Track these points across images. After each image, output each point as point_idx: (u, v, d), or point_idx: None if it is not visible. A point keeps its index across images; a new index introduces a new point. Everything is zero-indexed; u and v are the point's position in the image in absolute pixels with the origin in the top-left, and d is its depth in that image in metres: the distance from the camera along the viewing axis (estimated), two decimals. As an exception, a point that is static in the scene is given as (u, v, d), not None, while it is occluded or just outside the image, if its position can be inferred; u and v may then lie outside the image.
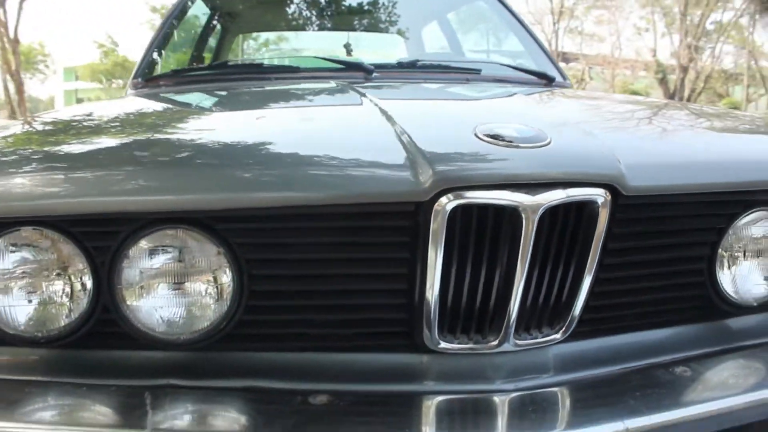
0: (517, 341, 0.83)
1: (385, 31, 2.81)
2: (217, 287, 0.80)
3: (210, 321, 0.80)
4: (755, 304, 0.96)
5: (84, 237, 0.79)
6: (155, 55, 2.03)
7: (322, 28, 2.75)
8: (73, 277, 0.81)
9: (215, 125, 1.13)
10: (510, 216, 0.76)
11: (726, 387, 0.85)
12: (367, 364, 0.83)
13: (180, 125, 1.14)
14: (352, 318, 0.83)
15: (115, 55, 32.81)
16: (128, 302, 0.79)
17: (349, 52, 2.54)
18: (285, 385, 0.79)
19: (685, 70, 23.84)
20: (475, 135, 0.82)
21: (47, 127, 1.14)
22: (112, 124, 1.15)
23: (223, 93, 1.53)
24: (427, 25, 2.86)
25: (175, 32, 2.25)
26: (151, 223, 0.78)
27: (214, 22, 2.60)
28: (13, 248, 0.80)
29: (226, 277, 0.79)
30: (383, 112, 0.98)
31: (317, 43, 2.98)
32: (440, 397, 0.81)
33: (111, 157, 0.87)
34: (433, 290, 0.78)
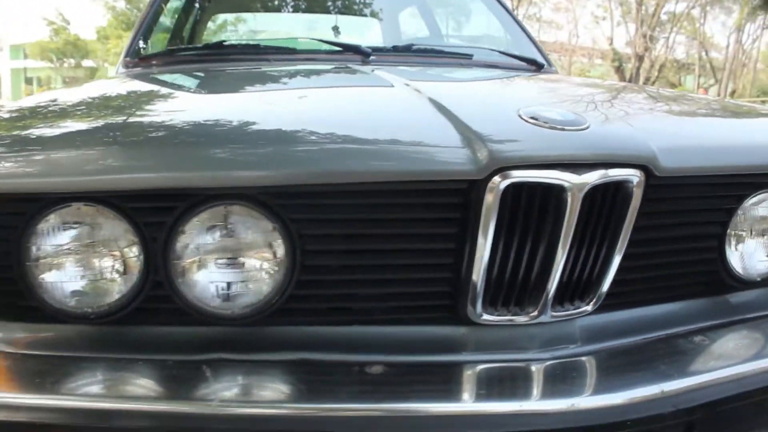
0: (553, 313, 0.88)
1: (367, 15, 2.81)
2: (270, 262, 0.82)
3: (263, 295, 0.82)
4: (758, 279, 1.03)
5: (136, 213, 0.79)
6: (148, 33, 2.00)
7: (296, 9, 2.74)
8: (124, 253, 0.81)
9: (254, 105, 1.13)
10: (556, 195, 0.81)
11: (742, 354, 0.92)
12: (414, 336, 0.86)
13: (216, 105, 1.14)
14: (398, 292, 0.86)
15: (66, 34, 31.60)
16: (183, 278, 0.81)
17: (337, 35, 2.54)
18: (340, 357, 0.82)
19: (640, 58, 24.42)
20: (520, 117, 0.86)
21: (86, 103, 1.13)
22: (146, 101, 1.14)
23: (239, 73, 1.51)
24: (407, 9, 2.87)
25: (165, 11, 2.22)
26: (207, 199, 0.79)
27: (196, 3, 2.56)
28: (65, 224, 0.80)
29: (280, 252, 0.81)
30: (417, 92, 1.01)
31: (300, 26, 2.96)
32: (481, 366, 0.85)
33: (160, 134, 0.88)
34: (481, 265, 0.81)
